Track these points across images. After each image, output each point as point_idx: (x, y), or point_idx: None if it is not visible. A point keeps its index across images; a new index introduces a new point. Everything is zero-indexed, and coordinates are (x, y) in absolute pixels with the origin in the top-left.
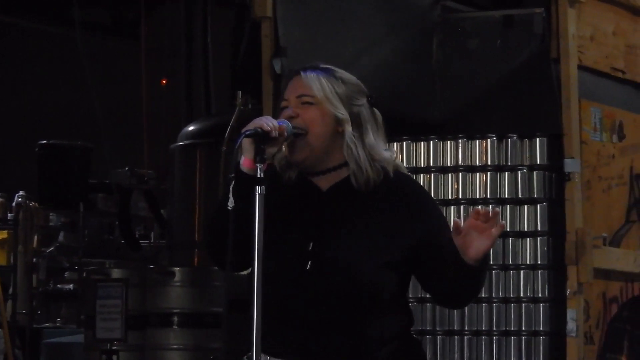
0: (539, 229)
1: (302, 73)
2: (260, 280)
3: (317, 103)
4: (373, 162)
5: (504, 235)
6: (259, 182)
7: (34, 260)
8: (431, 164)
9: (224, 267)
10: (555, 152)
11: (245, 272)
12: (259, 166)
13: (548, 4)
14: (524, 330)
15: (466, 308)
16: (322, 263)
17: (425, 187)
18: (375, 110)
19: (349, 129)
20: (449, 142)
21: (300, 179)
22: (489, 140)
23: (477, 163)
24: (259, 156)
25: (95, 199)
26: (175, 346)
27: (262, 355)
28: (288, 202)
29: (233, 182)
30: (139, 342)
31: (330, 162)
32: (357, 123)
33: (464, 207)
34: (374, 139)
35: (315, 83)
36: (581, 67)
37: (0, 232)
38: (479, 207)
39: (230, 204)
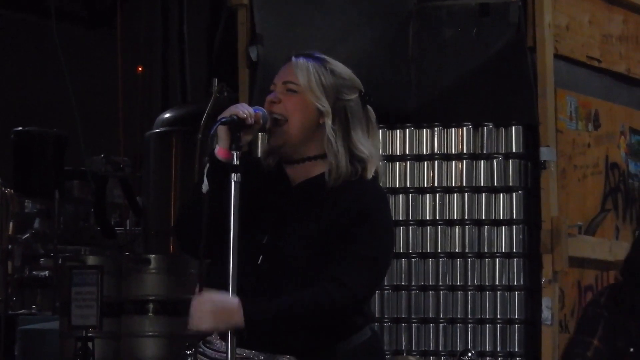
0: (514, 217)
1: (293, 59)
2: (236, 269)
3: (299, 92)
4: (352, 158)
5: (480, 223)
6: (235, 169)
7: (9, 247)
8: (407, 152)
9: (192, 252)
10: (531, 140)
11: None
12: (235, 153)
13: None
14: (499, 318)
15: (441, 296)
16: (271, 257)
17: (401, 175)
18: (369, 107)
19: (329, 121)
20: (424, 130)
21: (278, 169)
22: (464, 128)
23: (453, 151)
24: (234, 143)
25: (70, 186)
26: (150, 333)
27: (219, 341)
28: (257, 193)
29: (207, 165)
30: (114, 329)
31: (308, 151)
32: (342, 117)
33: (439, 195)
34: (360, 136)
35: (303, 71)
36: (557, 56)
37: None
38: None
39: (205, 187)
